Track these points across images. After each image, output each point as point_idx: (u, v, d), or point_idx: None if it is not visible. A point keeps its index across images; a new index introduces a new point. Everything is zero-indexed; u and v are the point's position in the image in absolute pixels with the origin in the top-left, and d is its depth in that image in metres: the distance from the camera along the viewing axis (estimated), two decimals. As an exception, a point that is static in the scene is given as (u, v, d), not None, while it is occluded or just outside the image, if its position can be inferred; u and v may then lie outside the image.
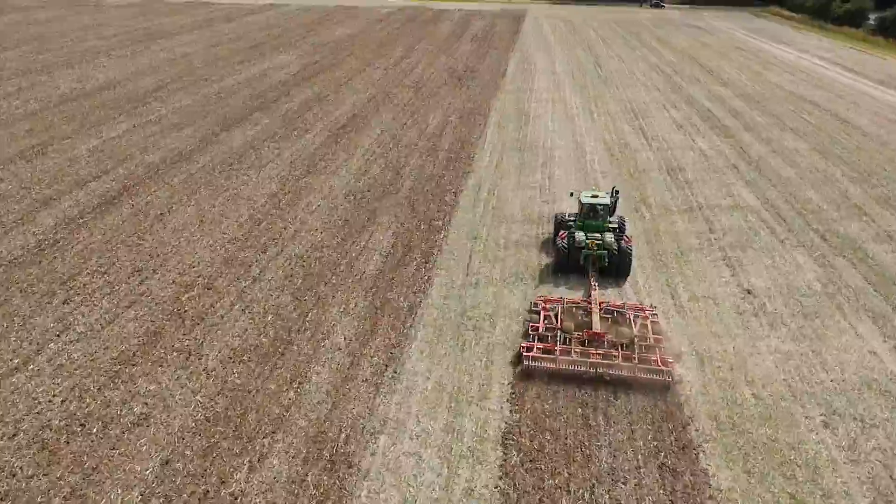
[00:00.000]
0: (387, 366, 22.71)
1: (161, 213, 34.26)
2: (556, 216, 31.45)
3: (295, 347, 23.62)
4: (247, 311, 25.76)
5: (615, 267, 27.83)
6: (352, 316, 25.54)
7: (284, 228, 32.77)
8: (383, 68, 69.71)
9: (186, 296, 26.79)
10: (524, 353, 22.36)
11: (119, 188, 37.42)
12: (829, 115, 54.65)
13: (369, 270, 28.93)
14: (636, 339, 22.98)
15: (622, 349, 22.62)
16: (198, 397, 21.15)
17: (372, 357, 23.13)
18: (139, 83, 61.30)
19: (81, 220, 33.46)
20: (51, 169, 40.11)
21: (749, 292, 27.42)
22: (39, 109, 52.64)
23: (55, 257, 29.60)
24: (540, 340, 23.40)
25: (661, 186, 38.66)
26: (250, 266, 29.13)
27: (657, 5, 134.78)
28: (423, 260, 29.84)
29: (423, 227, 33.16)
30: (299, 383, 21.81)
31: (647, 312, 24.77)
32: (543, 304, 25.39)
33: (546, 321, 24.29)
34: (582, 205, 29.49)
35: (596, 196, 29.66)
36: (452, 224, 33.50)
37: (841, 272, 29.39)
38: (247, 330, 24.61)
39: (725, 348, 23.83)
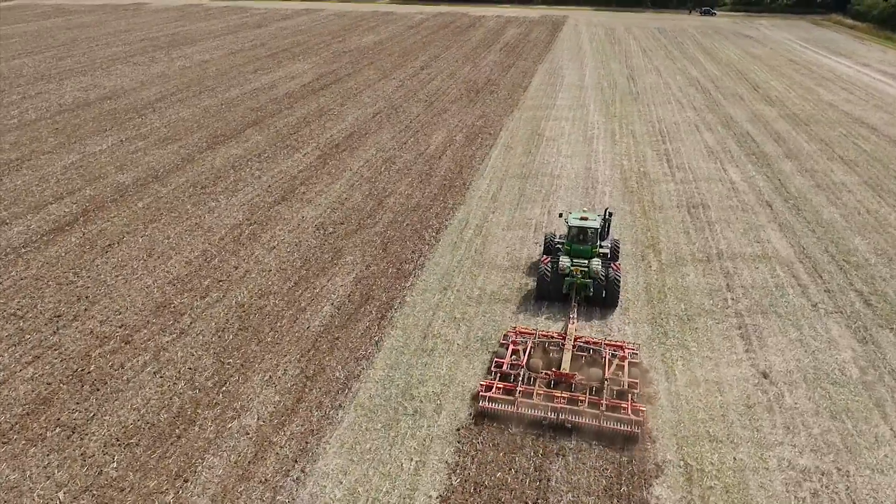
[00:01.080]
0: (296, 461, 18.66)
1: (110, 245, 31.17)
2: (545, 236, 28.93)
3: (197, 428, 19.83)
4: (158, 376, 22.15)
5: (602, 297, 25.57)
6: (276, 388, 21.62)
7: (235, 268, 29.18)
8: (399, 79, 65.99)
9: (99, 351, 23.40)
10: (481, 393, 20.42)
11: (78, 212, 34.62)
12: (888, 143, 48.00)
13: (314, 326, 24.99)
14: (607, 383, 20.74)
15: (591, 393, 20.49)
16: (60, 494, 17.54)
17: (282, 448, 19.14)
18: (143, 93, 59.24)
19: (24, 250, 30.66)
20: (17, 188, 37.74)
21: (765, 376, 22.26)
22: (34, 120, 50.91)
23: (-27, 297, 26.75)
24: (503, 379, 21.27)
25: (677, 228, 33.50)
26: (182, 315, 25.58)
27: (707, 12, 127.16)
28: (379, 315, 25.71)
29: (390, 271, 29.05)
30: (184, 480, 17.97)
31: (626, 351, 22.46)
32: (514, 337, 23.01)
33: (514, 356, 22.09)
34: (569, 227, 26.87)
35: (585, 218, 27.01)
36: (425, 269, 29.28)
37: (885, 352, 23.86)
38: (150, 401, 20.97)
39: (723, 459, 18.87)
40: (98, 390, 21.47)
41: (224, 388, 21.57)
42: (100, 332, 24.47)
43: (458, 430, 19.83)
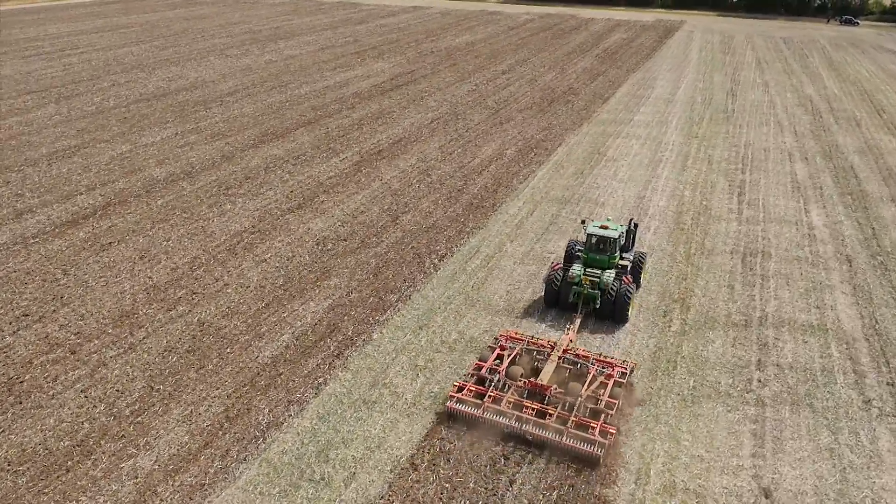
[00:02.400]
0: (168, 523, 16.62)
1: (110, 243, 30.91)
2: (568, 242, 28.19)
3: (89, 463, 18.32)
4: (83, 395, 20.97)
5: (609, 311, 24.53)
6: (190, 426, 19.73)
7: (216, 280, 27.80)
8: (474, 83, 63.06)
9: (42, 359, 22.66)
10: (451, 394, 20.10)
11: (99, 206, 34.89)
12: None
13: (263, 357, 22.94)
14: (582, 400, 19.55)
15: (565, 408, 19.50)
16: (-75, 521, 16.58)
17: (161, 501, 17.14)
18: (220, 86, 60.40)
19: (32, 241, 31.06)
20: (59, 175, 38.86)
21: (766, 496, 17.49)
22: (111, 108, 53.03)
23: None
24: (479, 382, 20.71)
25: (720, 279, 28.35)
26: (139, 329, 24.43)
27: (849, 21, 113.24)
28: (336, 352, 23.22)
29: (371, 301, 26.47)
30: (47, 527, 16.45)
31: (615, 369, 21.11)
32: (504, 342, 22.32)
33: (498, 361, 21.48)
34: (588, 236, 25.71)
35: (605, 227, 25.54)
36: (409, 302, 26.43)
37: (948, 483, 18.19)
38: (62, 423, 19.78)
39: None
40: (20, 403, 20.61)
41: (138, 419, 19.99)
42: (54, 338, 23.80)
43: (363, 514, 16.97)
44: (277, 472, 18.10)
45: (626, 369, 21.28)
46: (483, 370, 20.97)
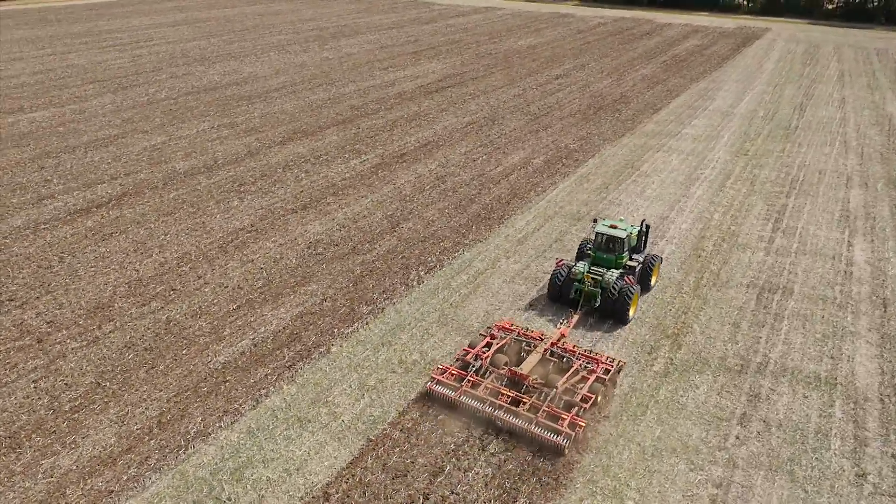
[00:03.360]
0: (64, 528, 16.30)
1: (112, 233, 31.53)
2: (581, 241, 28.30)
3: (12, 457, 18.35)
4: (33, 385, 21.17)
5: (610, 310, 24.57)
6: (121, 428, 19.47)
7: (198, 278, 27.72)
8: (523, 88, 61.16)
9: (10, 345, 23.16)
10: (432, 375, 20.86)
11: (115, 195, 35.81)
12: None
13: (216, 362, 22.48)
14: (558, 391, 19.83)
15: (540, 397, 19.98)
16: None
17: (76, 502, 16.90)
18: (269, 82, 61.39)
19: (44, 227, 32.15)
20: (89, 163, 40.27)
21: (706, 574, 15.31)
22: (161, 100, 54.83)
23: (-38, 267, 28.27)
24: (464, 368, 21.29)
25: (726, 316, 25.63)
26: (110, 322, 24.59)
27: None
28: (289, 364, 22.45)
29: (342, 311, 25.59)
30: (-48, 519, 16.51)
31: (600, 365, 21.23)
32: (495, 331, 22.86)
33: (486, 348, 21.92)
34: (596, 234, 25.91)
35: (615, 227, 25.57)
36: (381, 316, 25.34)
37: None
38: (3, 412, 20.00)
39: None
40: (-30, 390, 21.03)
41: (75, 416, 19.93)
42: (27, 325, 24.31)
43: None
44: (187, 487, 17.49)
45: (611, 367, 21.25)
46: (469, 356, 21.35)
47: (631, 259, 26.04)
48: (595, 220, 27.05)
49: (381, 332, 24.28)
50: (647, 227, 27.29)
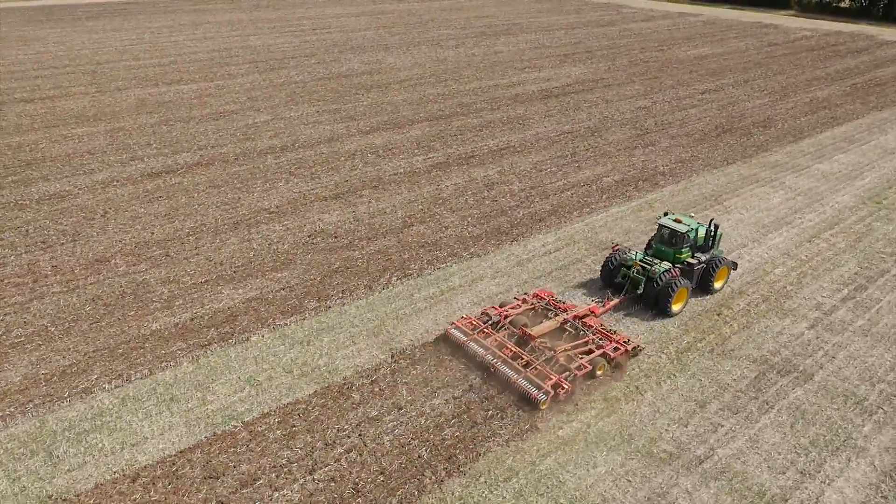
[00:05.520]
0: (-76, 446, 18.28)
1: (159, 197, 34.64)
2: (653, 235, 27.83)
3: (-59, 376, 21.02)
4: (2, 320, 24.04)
5: (653, 300, 24.76)
6: (28, 369, 21.33)
7: (193, 249, 29.40)
8: (656, 100, 55.65)
9: (11, 280, 26.54)
10: (454, 322, 23.01)
11: (191, 164, 39.24)
12: None
13: (144, 330, 23.61)
14: (556, 354, 20.98)
15: (540, 358, 21.01)
16: None
17: (-60, 427, 18.93)
18: (399, 74, 63.02)
19: (115, 184, 36.24)
20: (192, 134, 44.58)
21: None
22: (293, 82, 58.97)
23: (16, 215, 32.80)
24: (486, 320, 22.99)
25: (694, 394, 20.81)
26: (97, 275, 27.07)
27: None
28: (201, 345, 22.83)
29: (290, 302, 25.41)
30: None
31: (612, 343, 21.87)
32: (531, 296, 24.46)
33: (514, 309, 23.48)
34: (659, 227, 26.09)
35: (679, 221, 25.45)
36: (322, 314, 24.73)
37: None
38: (-36, 337, 23.02)
39: None
40: (-39, 312, 24.42)
41: (8, 352, 22.22)
42: (34, 267, 27.62)
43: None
44: (36, 436, 18.61)
45: (623, 346, 21.66)
46: (495, 312, 22.91)
47: (693, 257, 25.64)
48: (666, 214, 26.46)
49: (309, 331, 23.73)
50: (716, 227, 26.28)
